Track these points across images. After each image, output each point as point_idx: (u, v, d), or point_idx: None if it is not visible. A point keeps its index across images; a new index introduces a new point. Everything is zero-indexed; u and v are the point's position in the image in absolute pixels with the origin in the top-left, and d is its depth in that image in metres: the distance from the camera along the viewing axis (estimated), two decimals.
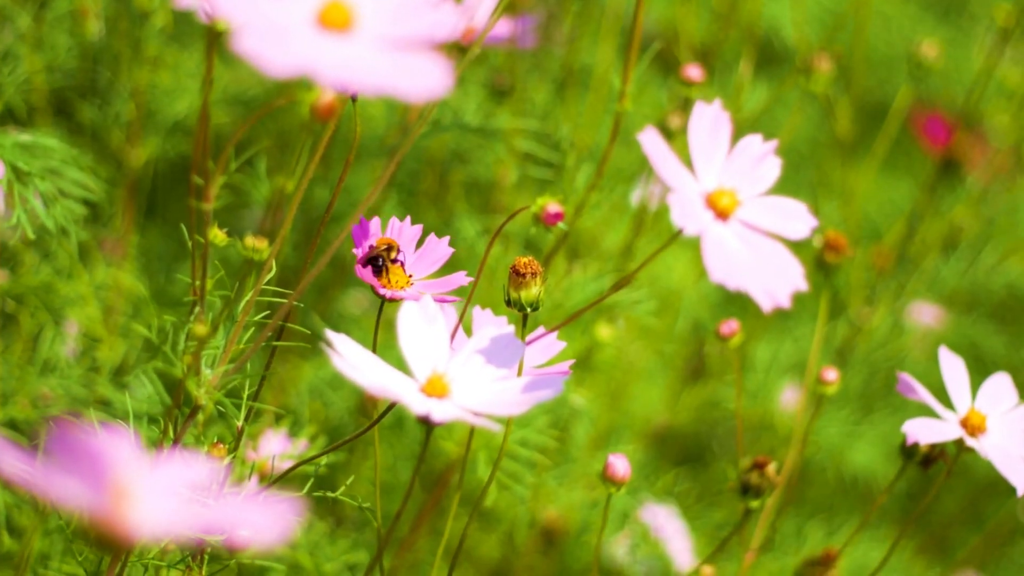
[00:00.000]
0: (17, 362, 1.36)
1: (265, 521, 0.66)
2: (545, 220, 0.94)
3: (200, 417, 0.99)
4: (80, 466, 0.65)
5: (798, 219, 0.90)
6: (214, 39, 0.82)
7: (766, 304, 0.84)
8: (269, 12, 0.75)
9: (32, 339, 1.41)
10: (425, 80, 0.73)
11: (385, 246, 0.99)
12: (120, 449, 0.67)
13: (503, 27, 1.46)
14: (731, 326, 1.23)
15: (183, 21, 1.59)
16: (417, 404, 0.88)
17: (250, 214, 1.74)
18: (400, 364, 0.93)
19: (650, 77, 1.74)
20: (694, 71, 1.37)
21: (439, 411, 0.87)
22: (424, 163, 1.73)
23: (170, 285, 1.61)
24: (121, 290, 1.51)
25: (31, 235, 1.19)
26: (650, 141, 0.84)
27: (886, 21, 2.15)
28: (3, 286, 1.38)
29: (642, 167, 1.64)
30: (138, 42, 1.52)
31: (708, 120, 0.89)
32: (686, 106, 1.50)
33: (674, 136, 1.43)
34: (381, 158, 1.55)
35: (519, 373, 0.96)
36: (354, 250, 1.00)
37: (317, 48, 0.75)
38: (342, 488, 1.05)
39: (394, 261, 0.99)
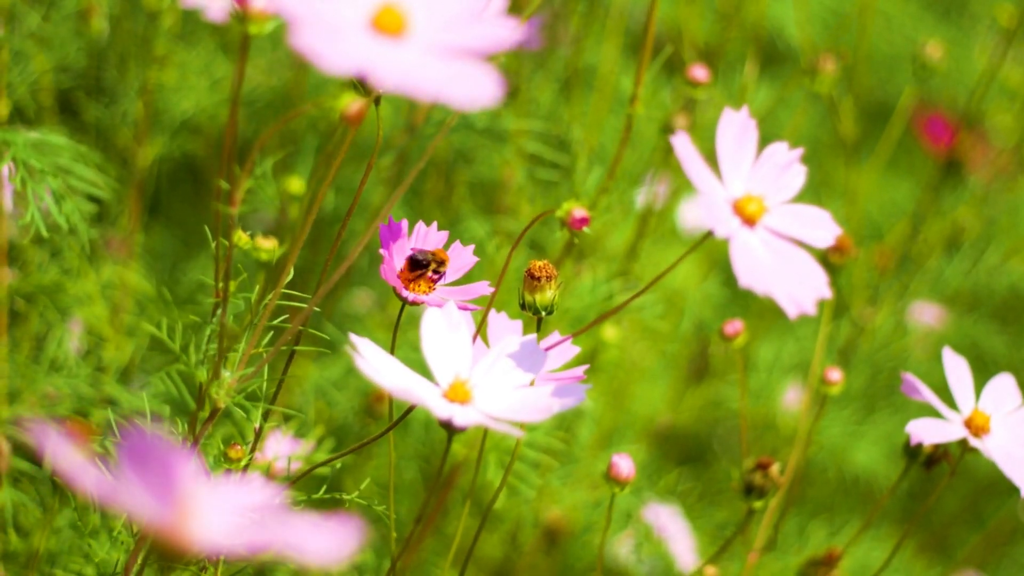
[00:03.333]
0: (24, 361, 1.36)
1: (325, 543, 0.66)
2: (571, 225, 0.94)
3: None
4: (151, 476, 0.65)
5: (822, 227, 0.91)
6: (245, 51, 0.81)
7: (792, 311, 0.85)
8: (324, 12, 0.75)
9: (39, 338, 1.40)
10: (477, 89, 0.74)
11: (439, 260, 0.98)
12: (187, 462, 0.67)
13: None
14: (735, 326, 1.22)
15: (189, 20, 1.58)
16: (440, 409, 0.88)
17: (253, 215, 1.73)
18: (410, 363, 0.93)
19: (654, 77, 1.74)
20: (700, 71, 1.37)
21: (461, 416, 0.88)
22: (429, 163, 1.72)
23: (175, 284, 1.61)
24: (127, 289, 1.51)
25: (45, 233, 1.19)
26: (681, 144, 0.85)
27: (887, 20, 2.16)
28: (12, 285, 1.38)
29: (647, 168, 1.64)
30: (145, 41, 1.52)
31: (736, 127, 0.89)
32: (690, 106, 1.50)
33: None
34: (385, 158, 1.54)
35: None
36: (380, 251, 1.00)
37: (370, 51, 0.76)
38: (356, 493, 1.05)
39: (434, 274, 0.99)
